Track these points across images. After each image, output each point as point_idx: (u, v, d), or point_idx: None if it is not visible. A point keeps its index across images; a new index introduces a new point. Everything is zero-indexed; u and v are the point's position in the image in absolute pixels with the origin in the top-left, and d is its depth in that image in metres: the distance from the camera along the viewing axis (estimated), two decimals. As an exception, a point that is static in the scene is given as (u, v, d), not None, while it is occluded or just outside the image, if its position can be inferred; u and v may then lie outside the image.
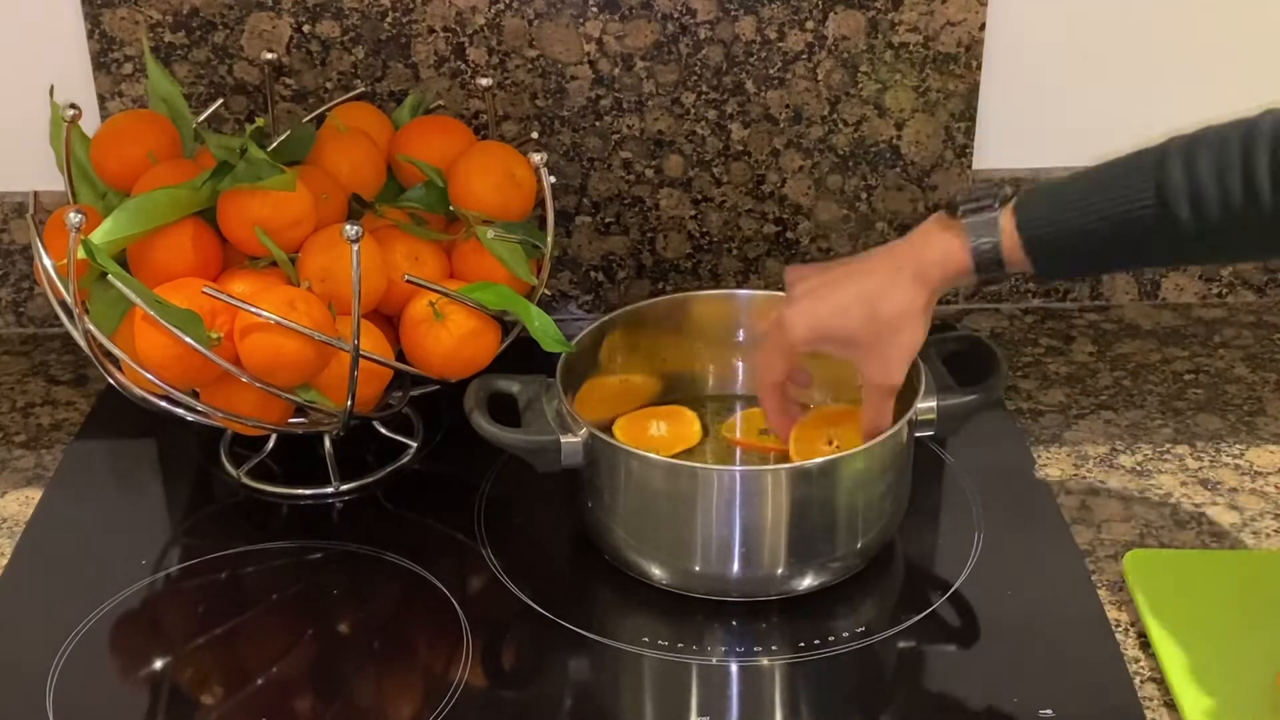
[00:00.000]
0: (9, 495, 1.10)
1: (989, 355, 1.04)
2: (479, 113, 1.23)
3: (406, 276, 1.04)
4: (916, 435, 1.00)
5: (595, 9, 1.20)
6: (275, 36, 1.21)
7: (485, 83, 1.19)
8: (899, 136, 1.26)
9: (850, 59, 1.23)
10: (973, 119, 1.25)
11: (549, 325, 1.04)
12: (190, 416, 1.04)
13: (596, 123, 1.24)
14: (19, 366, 1.26)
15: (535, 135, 1.24)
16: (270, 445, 1.11)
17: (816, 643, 0.94)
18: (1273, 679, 0.88)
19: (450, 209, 1.10)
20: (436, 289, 1.04)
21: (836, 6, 1.21)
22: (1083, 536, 1.04)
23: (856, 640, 0.94)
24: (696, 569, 0.97)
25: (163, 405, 1.03)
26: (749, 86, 1.23)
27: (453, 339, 1.04)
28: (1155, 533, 1.04)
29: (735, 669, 0.93)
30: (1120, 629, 0.95)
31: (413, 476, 1.11)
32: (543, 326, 1.04)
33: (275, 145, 1.07)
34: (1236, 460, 1.12)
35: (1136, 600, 0.95)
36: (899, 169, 1.27)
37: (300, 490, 1.09)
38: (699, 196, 1.27)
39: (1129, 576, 0.97)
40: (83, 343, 1.01)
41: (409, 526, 1.07)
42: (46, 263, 1.00)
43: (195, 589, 1.01)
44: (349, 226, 0.97)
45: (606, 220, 1.28)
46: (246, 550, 1.04)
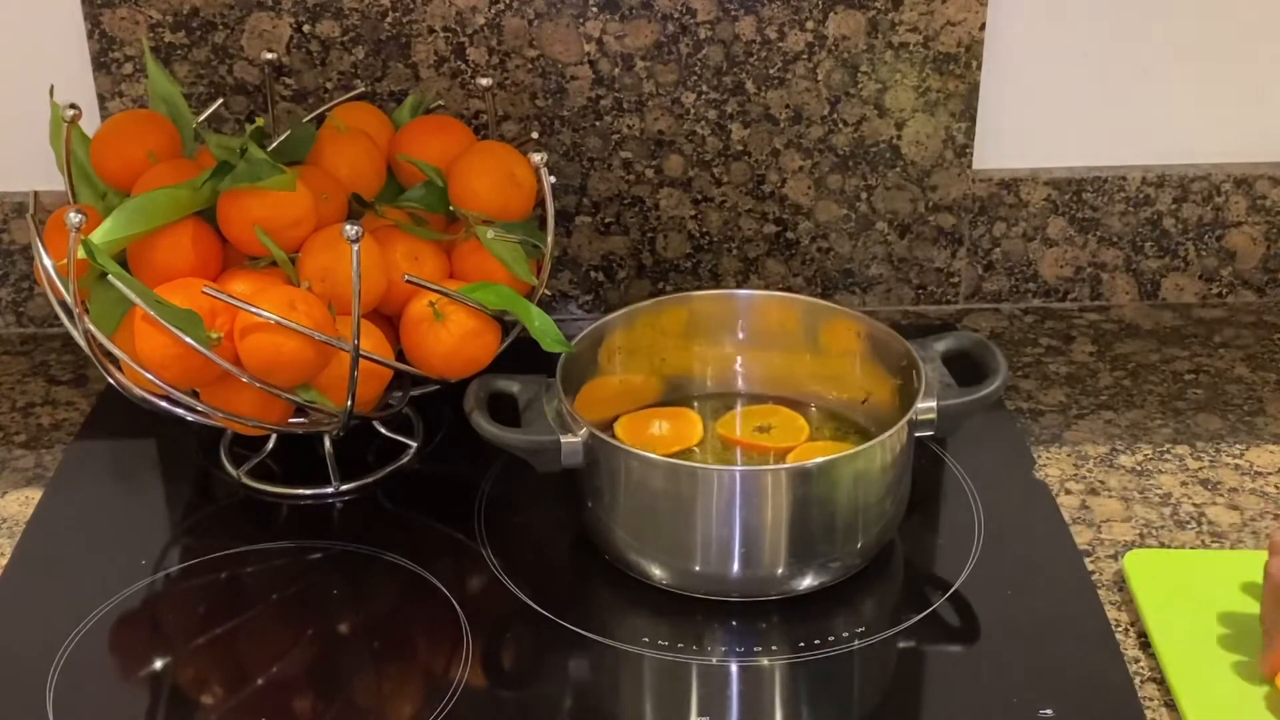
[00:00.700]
0: (9, 495, 1.10)
1: (989, 355, 1.04)
2: (479, 113, 1.23)
3: (406, 276, 1.04)
4: (916, 435, 1.00)
5: (595, 9, 1.20)
6: (275, 36, 1.21)
7: (485, 83, 1.19)
8: (899, 136, 1.26)
9: (850, 59, 1.23)
10: (973, 119, 1.25)
11: (549, 325, 1.04)
12: (190, 416, 1.04)
13: (596, 123, 1.24)
14: (19, 366, 1.26)
15: (535, 135, 1.24)
16: (270, 445, 1.11)
17: (816, 643, 0.94)
18: (1273, 679, 0.88)
19: (450, 209, 1.10)
20: (436, 289, 1.04)
21: (836, 6, 1.21)
22: (1083, 536, 1.04)
23: (856, 640, 0.94)
24: (696, 569, 0.97)
25: (163, 405, 1.03)
26: (749, 86, 1.23)
27: (453, 339, 1.04)
28: (1155, 533, 1.04)
29: (735, 669, 0.93)
30: (1120, 629, 0.95)
31: (413, 476, 1.11)
32: (543, 326, 1.04)
33: (275, 145, 1.07)
34: (1236, 460, 1.12)
35: (1136, 600, 0.95)
36: (899, 169, 1.27)
37: (300, 490, 1.09)
38: (699, 196, 1.27)
39: (1129, 576, 0.97)
40: (83, 343, 1.01)
41: (409, 526, 1.07)
42: (46, 263, 1.00)
43: (195, 589, 1.01)
44: (349, 226, 0.97)
45: (606, 220, 1.28)
46: (246, 550, 1.04)
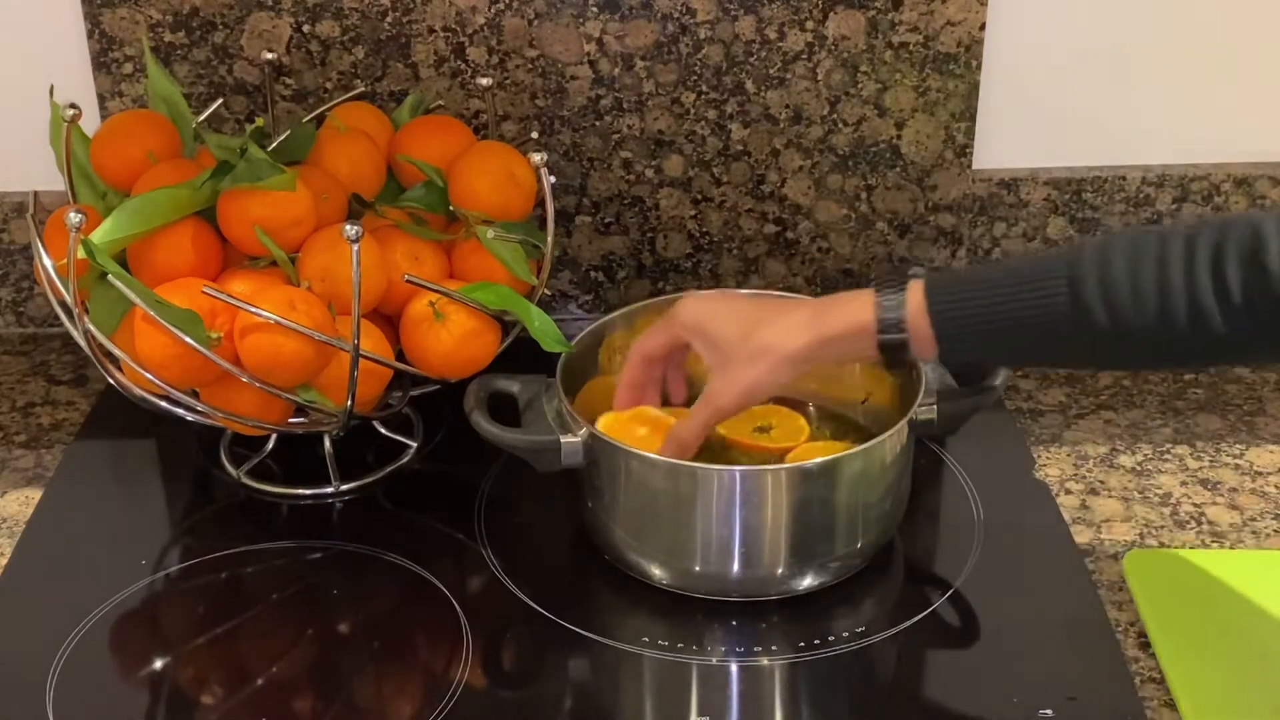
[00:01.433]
0: (9, 495, 1.10)
1: (989, 355, 1.04)
2: (479, 113, 1.23)
3: (406, 276, 1.04)
4: (916, 435, 1.00)
5: (595, 9, 1.20)
6: (275, 36, 1.21)
7: (485, 83, 1.19)
8: (899, 136, 1.26)
9: (850, 59, 1.23)
10: (973, 119, 1.25)
11: (549, 325, 1.04)
12: (190, 416, 1.04)
13: (596, 123, 1.24)
14: (19, 366, 1.26)
15: (535, 135, 1.24)
16: (270, 445, 1.11)
17: (816, 643, 0.94)
18: (1273, 679, 0.88)
19: (450, 209, 1.10)
20: (436, 289, 1.04)
21: (836, 6, 1.21)
22: (1083, 536, 1.04)
23: (856, 640, 0.94)
24: (696, 569, 0.97)
25: (163, 405, 1.03)
26: (749, 86, 1.23)
27: (453, 339, 1.04)
28: (1155, 533, 1.04)
29: (735, 669, 0.93)
30: (1120, 629, 0.95)
31: (413, 476, 1.11)
32: (543, 326, 1.04)
33: (275, 145, 1.07)
34: (1236, 460, 1.12)
35: (1136, 600, 0.95)
36: (899, 169, 1.27)
37: (300, 490, 1.09)
38: (699, 196, 1.27)
39: (1129, 576, 0.97)
40: (83, 343, 1.01)
41: (409, 526, 1.07)
42: (46, 263, 1.00)
43: (195, 589, 1.01)
44: (349, 226, 0.97)
45: (606, 220, 1.28)
46: (246, 550, 1.04)
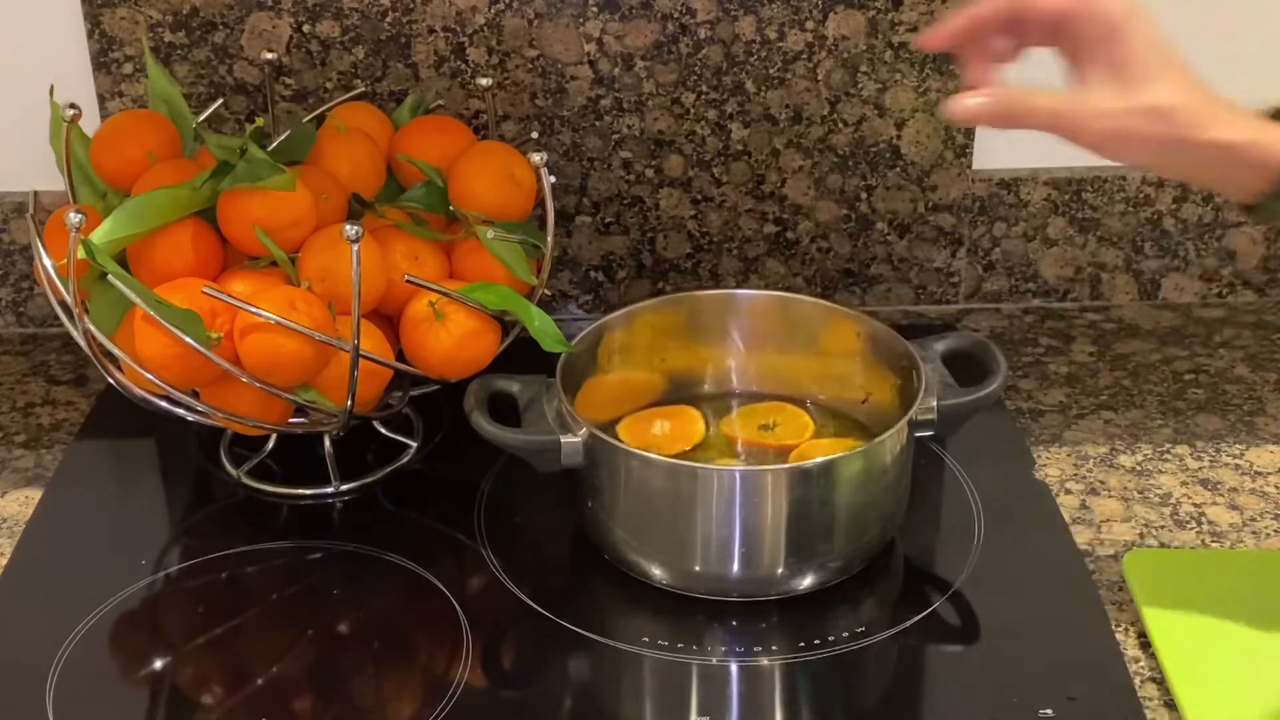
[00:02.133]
0: (9, 495, 1.10)
1: (989, 355, 1.04)
2: (479, 113, 1.23)
3: (406, 276, 1.04)
4: (916, 435, 1.00)
5: (595, 9, 1.20)
6: (275, 36, 1.21)
7: (485, 83, 1.19)
8: (899, 136, 1.26)
9: (850, 59, 1.23)
10: (973, 119, 1.25)
11: (549, 325, 1.04)
12: (190, 416, 1.04)
13: (596, 123, 1.24)
14: (19, 366, 1.26)
15: (535, 135, 1.24)
16: (270, 445, 1.11)
17: (816, 643, 0.94)
18: (1274, 679, 0.88)
19: (450, 209, 1.10)
20: (436, 289, 1.04)
21: (836, 6, 1.21)
22: (1083, 536, 1.04)
23: (856, 640, 0.94)
24: (696, 569, 0.97)
25: (163, 405, 1.03)
26: (749, 86, 1.23)
27: (453, 339, 1.04)
28: (1155, 533, 1.04)
29: (735, 669, 0.93)
30: (1120, 629, 0.95)
31: (413, 476, 1.11)
32: (543, 326, 1.04)
33: (275, 145, 1.07)
34: (1236, 460, 1.12)
35: (1136, 600, 0.95)
36: (899, 169, 1.27)
37: (300, 490, 1.09)
38: (699, 196, 1.27)
39: (1129, 576, 0.97)
40: (83, 343, 1.01)
41: (409, 526, 1.07)
42: (46, 263, 1.00)
43: (195, 589, 1.01)
44: (349, 226, 0.97)
45: (606, 220, 1.28)
46: (246, 550, 1.04)
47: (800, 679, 0.92)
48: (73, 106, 1.05)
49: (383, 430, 1.13)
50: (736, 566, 0.96)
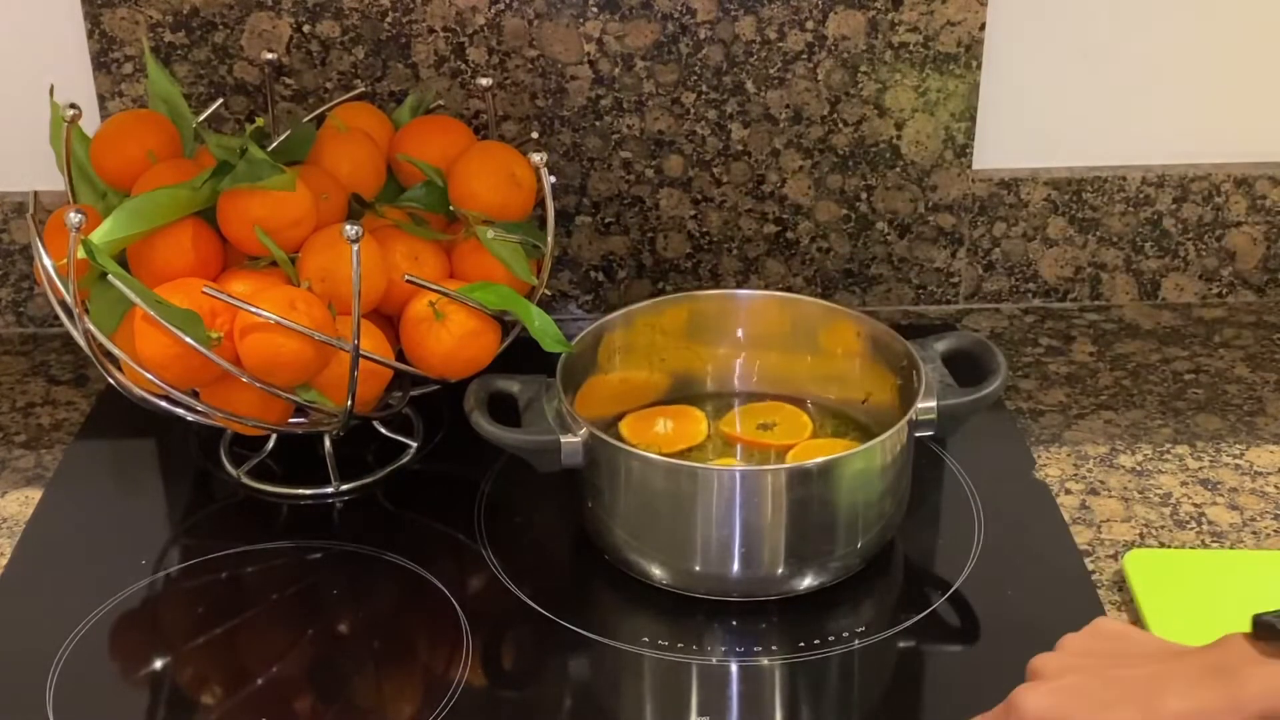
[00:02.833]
0: (9, 495, 1.10)
1: (989, 355, 1.04)
2: (479, 113, 1.23)
3: (406, 276, 1.04)
4: (916, 435, 1.00)
5: (595, 9, 1.20)
6: (275, 36, 1.21)
7: (485, 83, 1.19)
8: (899, 136, 1.26)
9: (850, 59, 1.23)
10: (973, 119, 1.25)
11: (549, 325, 1.04)
12: (190, 416, 1.04)
13: (596, 123, 1.24)
14: (19, 366, 1.26)
15: (535, 135, 1.24)
16: (270, 445, 1.11)
17: (816, 643, 0.94)
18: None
19: (450, 209, 1.10)
20: (436, 289, 1.04)
21: (836, 6, 1.21)
22: (1083, 536, 1.04)
23: (856, 640, 0.94)
24: (696, 569, 0.97)
25: (163, 405, 1.03)
26: (749, 86, 1.23)
27: (453, 339, 1.04)
28: (1155, 533, 1.04)
29: (735, 669, 0.93)
30: (1120, 629, 0.95)
31: (413, 476, 1.11)
32: (543, 326, 1.04)
33: (275, 145, 1.07)
34: (1236, 460, 1.12)
35: (1136, 600, 0.95)
36: (899, 169, 1.27)
37: (300, 490, 1.09)
38: (699, 196, 1.27)
39: (1129, 576, 0.97)
40: (83, 343, 1.01)
41: (409, 526, 1.07)
42: (46, 263, 1.00)
43: (195, 589, 1.01)
44: (349, 226, 0.97)
45: (606, 220, 1.28)
46: (246, 550, 1.04)
47: (800, 679, 0.92)
48: (73, 106, 1.05)
49: (383, 430, 1.13)
50: (736, 566, 0.96)
